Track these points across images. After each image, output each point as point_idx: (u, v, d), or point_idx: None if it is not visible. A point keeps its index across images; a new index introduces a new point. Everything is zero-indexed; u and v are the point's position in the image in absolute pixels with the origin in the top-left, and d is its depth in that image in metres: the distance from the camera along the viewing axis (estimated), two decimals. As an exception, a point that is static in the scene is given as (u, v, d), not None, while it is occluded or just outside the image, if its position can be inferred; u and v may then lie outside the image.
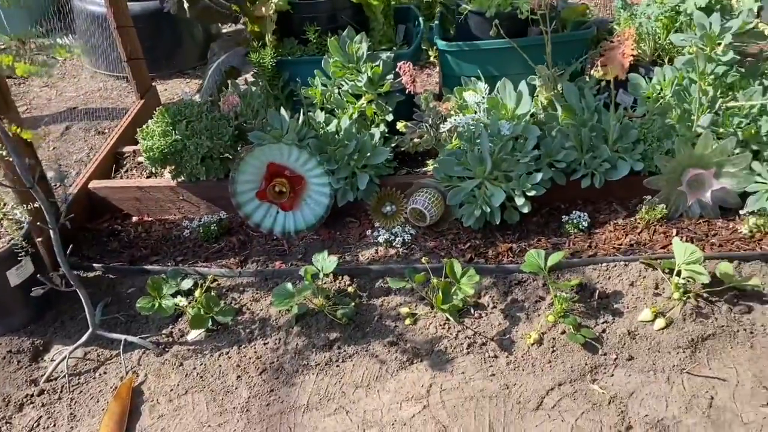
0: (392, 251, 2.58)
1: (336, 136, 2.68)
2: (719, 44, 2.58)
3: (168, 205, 2.86)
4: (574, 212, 2.60)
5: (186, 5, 2.71)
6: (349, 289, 2.40)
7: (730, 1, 2.79)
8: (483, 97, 2.70)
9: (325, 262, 2.37)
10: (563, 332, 2.15)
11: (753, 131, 2.49)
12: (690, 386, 1.96)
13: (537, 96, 2.78)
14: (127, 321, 2.40)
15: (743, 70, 2.67)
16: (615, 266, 2.38)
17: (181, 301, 2.35)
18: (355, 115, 2.78)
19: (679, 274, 2.23)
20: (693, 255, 2.16)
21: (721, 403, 1.91)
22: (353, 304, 2.32)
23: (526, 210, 2.52)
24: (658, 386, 1.97)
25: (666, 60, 2.97)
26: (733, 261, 2.34)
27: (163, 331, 2.34)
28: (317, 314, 2.30)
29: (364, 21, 3.05)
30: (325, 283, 2.42)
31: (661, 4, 2.86)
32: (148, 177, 2.99)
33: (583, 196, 2.69)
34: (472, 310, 2.29)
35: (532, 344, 2.14)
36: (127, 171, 3.10)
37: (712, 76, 2.57)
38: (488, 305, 2.31)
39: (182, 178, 2.77)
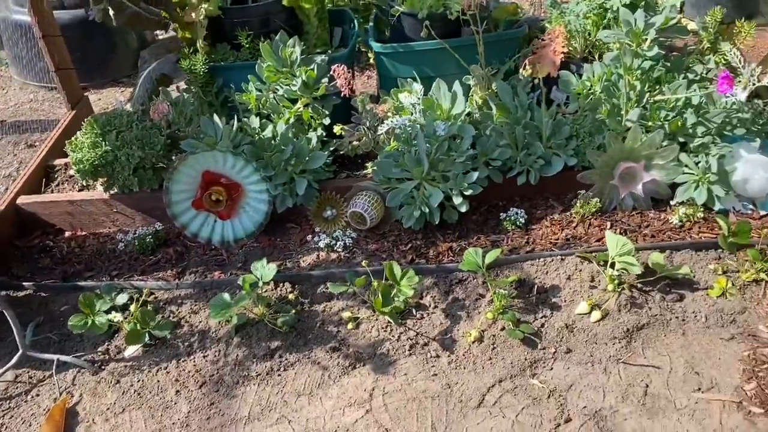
0: (334, 255, 2.56)
1: (272, 141, 2.65)
2: (645, 40, 2.65)
3: (102, 218, 2.78)
4: (511, 209, 2.64)
5: (112, 13, 2.63)
6: (290, 296, 2.37)
7: (652, -2, 2.88)
8: (418, 98, 2.71)
9: (265, 269, 2.33)
10: (503, 328, 2.17)
11: (679, 123, 2.56)
12: (626, 375, 2.01)
13: (472, 95, 2.81)
14: (60, 340, 2.32)
15: (669, 64, 2.76)
16: (552, 261, 2.42)
17: (116, 316, 2.29)
18: (291, 120, 2.75)
19: (613, 266, 2.28)
20: (625, 247, 2.21)
21: (655, 391, 1.95)
22: (294, 311, 2.29)
23: (464, 209, 2.54)
24: (596, 377, 2.01)
25: (596, 56, 3.03)
26: (665, 251, 2.41)
27: (99, 349, 2.26)
28: (258, 323, 2.26)
29: (297, 24, 3.02)
30: (265, 291, 2.39)
31: (590, 2, 2.92)
32: (80, 190, 2.89)
33: (520, 193, 2.73)
34: (414, 311, 2.29)
35: (473, 342, 2.15)
36: (58, 185, 3.00)
37: (639, 71, 2.64)
38: (430, 305, 2.32)
39: (115, 190, 2.69)
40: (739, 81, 2.48)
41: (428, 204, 2.52)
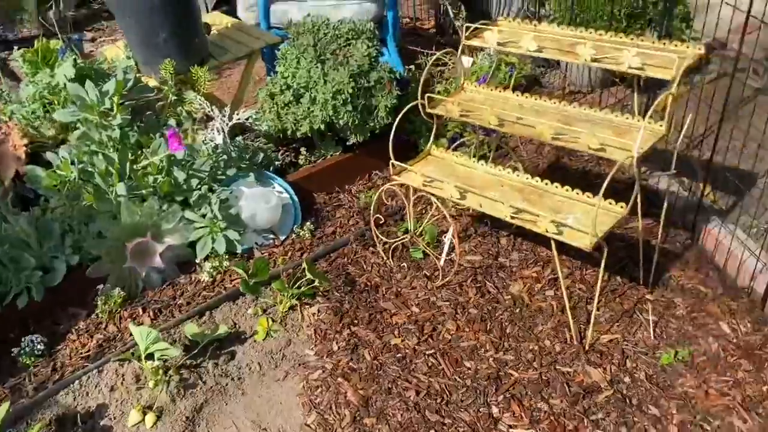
0: None
1: None
2: (108, 110, 2.48)
3: None
4: (24, 339, 2.18)
5: None
6: None
7: (101, 65, 2.72)
8: None
9: None
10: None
11: (171, 183, 2.46)
12: (198, 471, 1.80)
13: None
14: None
15: (143, 125, 2.63)
16: (89, 378, 2.08)
17: None
18: None
19: (152, 357, 2.05)
20: (151, 335, 2.00)
21: (231, 472, 1.80)
22: None
23: (-48, 369, 2.00)
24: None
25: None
26: (206, 313, 2.29)
27: None
28: None
29: None
30: None
31: (36, 83, 2.62)
32: None
33: (32, 315, 2.29)
34: None
35: None
36: None
37: (112, 143, 2.45)
38: None
39: None
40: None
41: None
